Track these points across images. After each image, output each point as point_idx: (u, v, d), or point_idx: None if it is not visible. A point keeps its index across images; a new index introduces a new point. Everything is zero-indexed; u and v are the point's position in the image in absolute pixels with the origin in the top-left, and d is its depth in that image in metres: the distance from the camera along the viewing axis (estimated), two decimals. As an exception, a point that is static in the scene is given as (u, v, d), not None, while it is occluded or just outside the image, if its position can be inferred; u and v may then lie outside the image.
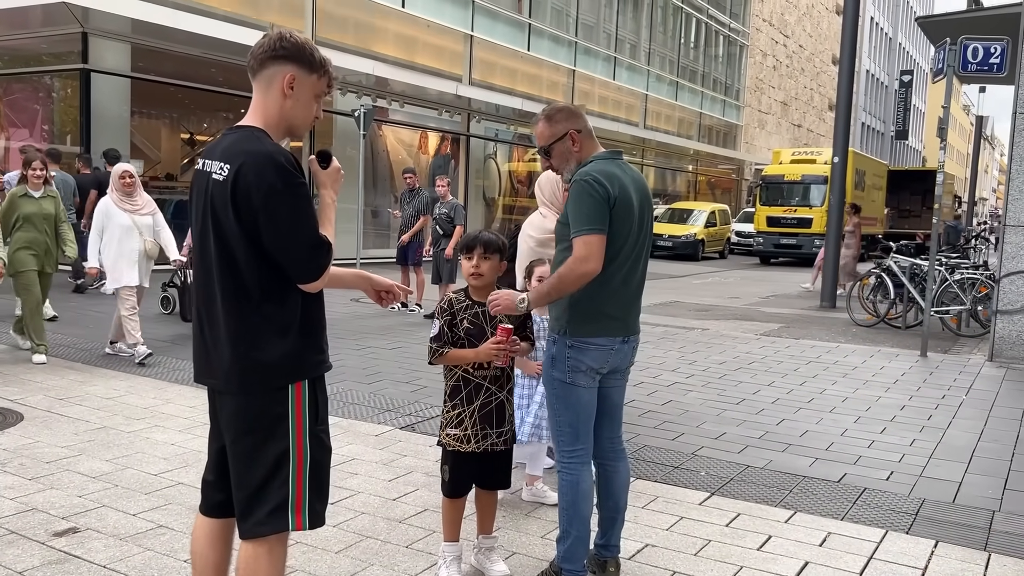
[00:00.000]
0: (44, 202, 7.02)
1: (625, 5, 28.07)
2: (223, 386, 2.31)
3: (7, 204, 6.87)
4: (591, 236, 2.91)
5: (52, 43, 13.66)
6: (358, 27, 17.90)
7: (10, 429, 4.96)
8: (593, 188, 2.93)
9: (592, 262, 2.90)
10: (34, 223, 6.89)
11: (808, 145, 45.66)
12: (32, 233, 6.89)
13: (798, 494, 4.37)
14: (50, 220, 7.02)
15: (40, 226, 6.93)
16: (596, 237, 2.92)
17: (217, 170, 2.24)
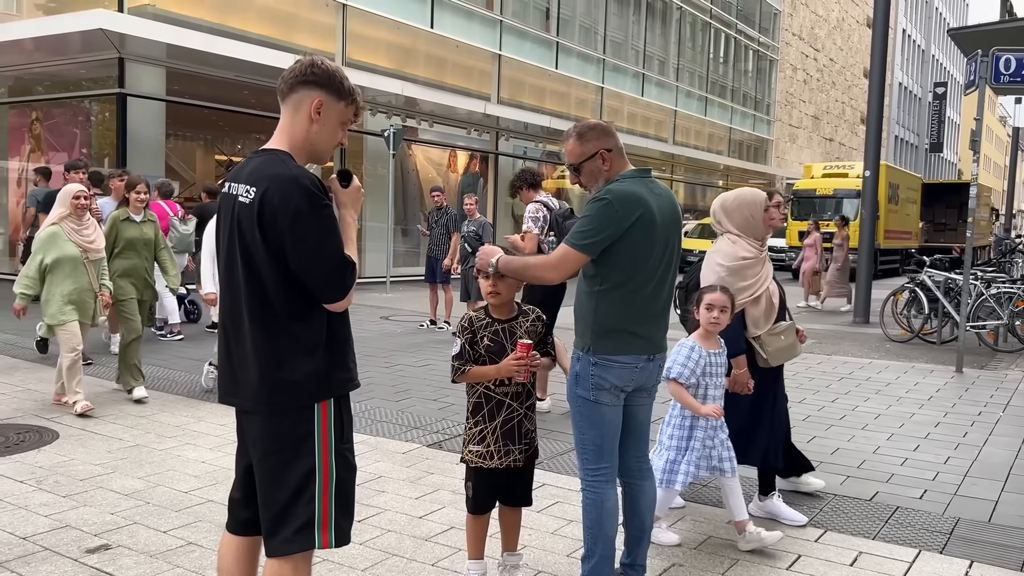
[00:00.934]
0: (145, 227, 6.74)
1: (653, 22, 28.12)
2: (250, 406, 2.35)
3: (109, 228, 6.53)
4: (572, 252, 2.99)
5: (90, 68, 13.99)
6: (388, 48, 18.12)
7: (46, 447, 5.05)
8: (606, 208, 2.94)
9: (558, 273, 3.04)
10: (136, 248, 6.60)
11: (840, 159, 45.25)
12: (133, 260, 6.59)
13: (829, 512, 4.30)
14: (150, 246, 6.74)
15: (141, 252, 6.65)
16: (576, 255, 2.99)
17: (243, 193, 2.29)
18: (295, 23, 16.20)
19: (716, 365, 3.79)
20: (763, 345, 4.03)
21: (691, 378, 3.74)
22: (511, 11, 21.35)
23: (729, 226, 4.08)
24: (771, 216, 4.11)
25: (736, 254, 3.97)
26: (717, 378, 3.80)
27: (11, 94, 15.53)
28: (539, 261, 3.10)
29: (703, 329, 3.79)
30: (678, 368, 3.75)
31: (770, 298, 4.04)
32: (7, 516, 3.91)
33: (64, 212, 5.98)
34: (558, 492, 4.49)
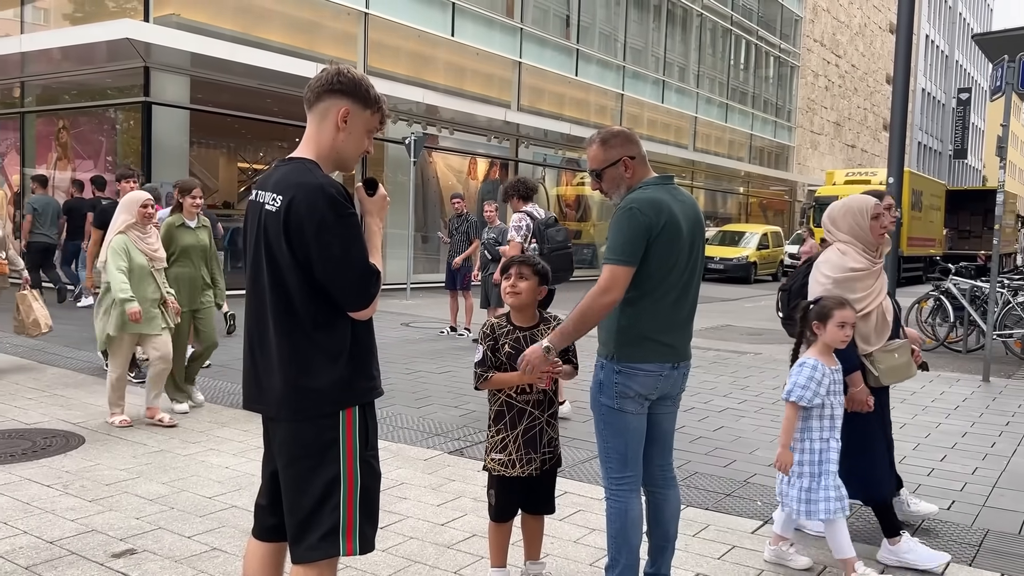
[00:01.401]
0: (200, 232, 6.45)
1: (674, 29, 28.08)
2: (275, 413, 2.36)
3: (164, 235, 6.23)
4: (617, 267, 2.92)
5: (116, 77, 14.16)
6: (409, 56, 18.22)
7: (72, 452, 5.10)
8: (634, 217, 2.92)
9: (613, 293, 2.91)
10: (191, 256, 6.32)
11: (862, 166, 44.92)
12: (188, 268, 6.30)
13: (854, 522, 4.25)
14: (205, 252, 6.45)
15: (196, 260, 6.36)
16: (622, 269, 2.92)
17: (270, 201, 2.30)
18: (317, 32, 16.33)
19: (838, 383, 3.59)
20: (875, 363, 3.78)
21: (815, 399, 3.51)
22: (531, 19, 21.40)
23: (839, 235, 3.87)
24: (881, 222, 3.84)
25: (845, 265, 3.75)
26: (839, 396, 3.59)
27: (39, 103, 15.75)
28: (587, 302, 2.93)
29: (824, 345, 3.58)
30: (798, 391, 3.51)
31: (883, 314, 3.81)
32: (34, 520, 3.95)
33: (129, 220, 5.82)
34: (581, 500, 4.47)
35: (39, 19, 15.76)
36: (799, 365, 3.60)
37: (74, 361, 7.93)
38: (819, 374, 3.51)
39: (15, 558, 3.52)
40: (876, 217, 3.83)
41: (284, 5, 15.54)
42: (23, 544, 3.67)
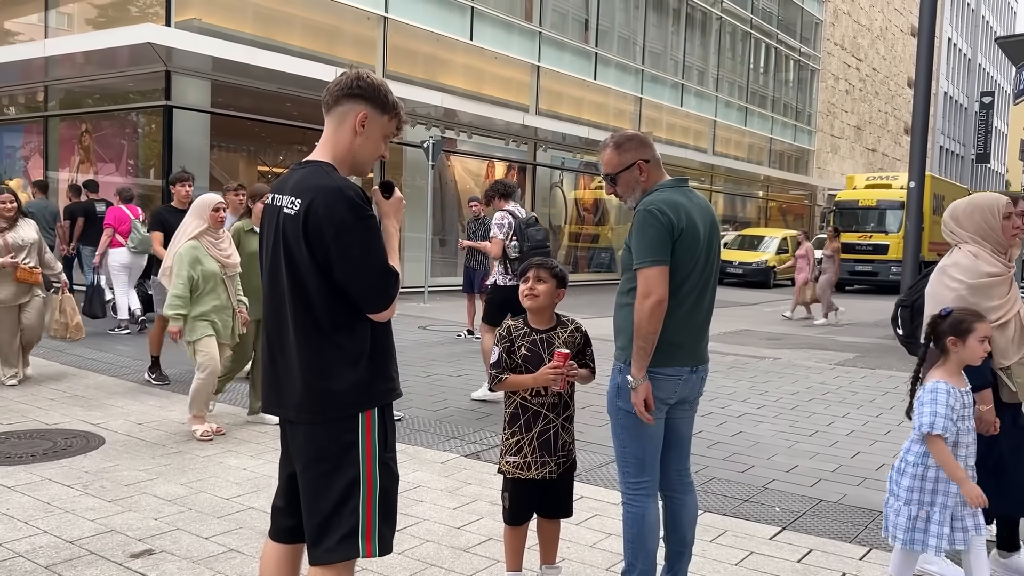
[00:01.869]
0: None
1: (693, 32, 27.99)
2: (295, 416, 2.36)
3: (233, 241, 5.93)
4: (651, 269, 2.89)
5: (138, 81, 14.31)
6: (427, 60, 18.28)
7: (92, 452, 5.15)
8: (655, 218, 2.91)
9: (655, 295, 2.87)
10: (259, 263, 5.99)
11: (883, 170, 44.56)
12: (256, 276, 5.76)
13: (874, 530, 4.21)
14: None
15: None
16: (656, 269, 2.89)
17: (288, 204, 2.31)
18: (337, 36, 16.42)
19: (967, 406, 3.24)
20: (1012, 377, 3.45)
21: (951, 427, 3.14)
22: (550, 23, 21.41)
23: (964, 235, 3.53)
24: (1013, 223, 3.51)
25: (980, 269, 3.39)
26: (969, 420, 3.24)
27: (62, 107, 15.93)
28: (636, 315, 2.89)
29: (956, 364, 3.23)
30: (942, 423, 3.11)
31: (1021, 323, 3.47)
32: (55, 520, 3.99)
33: (202, 225, 5.55)
34: (597, 505, 4.46)
35: (63, 24, 15.95)
36: (932, 391, 3.18)
37: (95, 363, 8.01)
38: (953, 399, 3.15)
39: (35, 557, 3.55)
40: (1007, 217, 3.51)
41: (304, 9, 15.64)
42: (43, 543, 3.71)
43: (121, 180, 14.76)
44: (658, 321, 2.89)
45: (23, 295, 6.96)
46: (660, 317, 2.89)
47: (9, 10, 16.82)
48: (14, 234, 6.85)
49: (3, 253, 6.75)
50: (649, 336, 2.90)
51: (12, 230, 6.86)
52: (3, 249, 6.76)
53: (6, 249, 6.77)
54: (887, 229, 23.05)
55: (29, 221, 7.05)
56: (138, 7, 14.53)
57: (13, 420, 5.85)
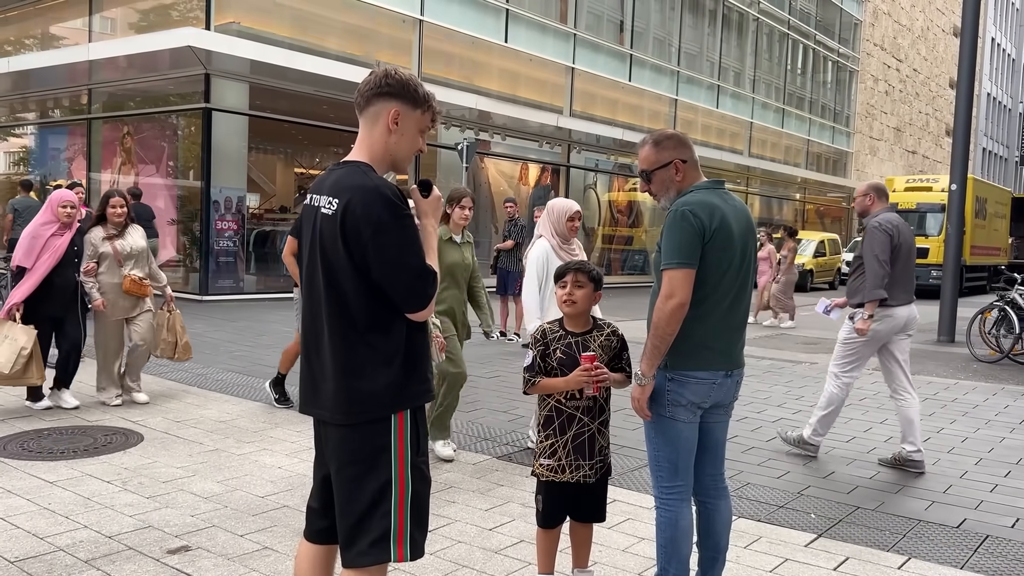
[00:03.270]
0: (465, 249, 5.45)
1: (729, 33, 27.77)
2: (329, 416, 2.37)
3: None
4: (676, 271, 2.88)
5: (178, 84, 14.55)
6: (462, 63, 18.35)
7: (131, 449, 5.24)
8: (687, 219, 2.89)
9: (677, 297, 2.86)
10: (455, 276, 5.28)
11: (924, 172, 43.82)
12: (453, 290, 5.30)
13: (912, 539, 4.14)
14: (468, 272, 5.43)
15: (461, 281, 5.36)
16: (682, 272, 2.88)
17: (326, 204, 2.32)
18: (373, 39, 16.55)
19: None
20: None
21: None
22: (585, 24, 21.37)
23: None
24: None
25: None
26: None
27: (105, 109, 16.25)
28: (656, 315, 2.89)
29: None
30: None
31: None
32: (95, 515, 4.06)
33: None
34: (630, 509, 4.43)
35: (106, 28, 16.28)
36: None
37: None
38: None
39: (76, 552, 3.62)
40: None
41: (341, 13, 15.79)
42: (83, 538, 3.78)
43: (162, 181, 15.02)
44: (677, 323, 2.89)
45: (131, 308, 6.42)
46: (679, 320, 2.88)
47: (54, 15, 17.21)
48: (123, 241, 6.36)
49: (114, 262, 6.30)
50: (665, 337, 2.90)
51: (122, 237, 6.37)
52: (113, 258, 6.30)
53: (116, 258, 6.31)
54: (927, 232, 22.66)
55: (138, 228, 6.58)
56: (179, 11, 14.78)
57: (56, 417, 5.98)
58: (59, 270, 6.09)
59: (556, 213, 5.14)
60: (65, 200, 6.15)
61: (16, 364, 5.78)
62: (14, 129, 19.07)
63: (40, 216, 6.18)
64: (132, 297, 6.40)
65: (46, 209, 6.18)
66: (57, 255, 6.07)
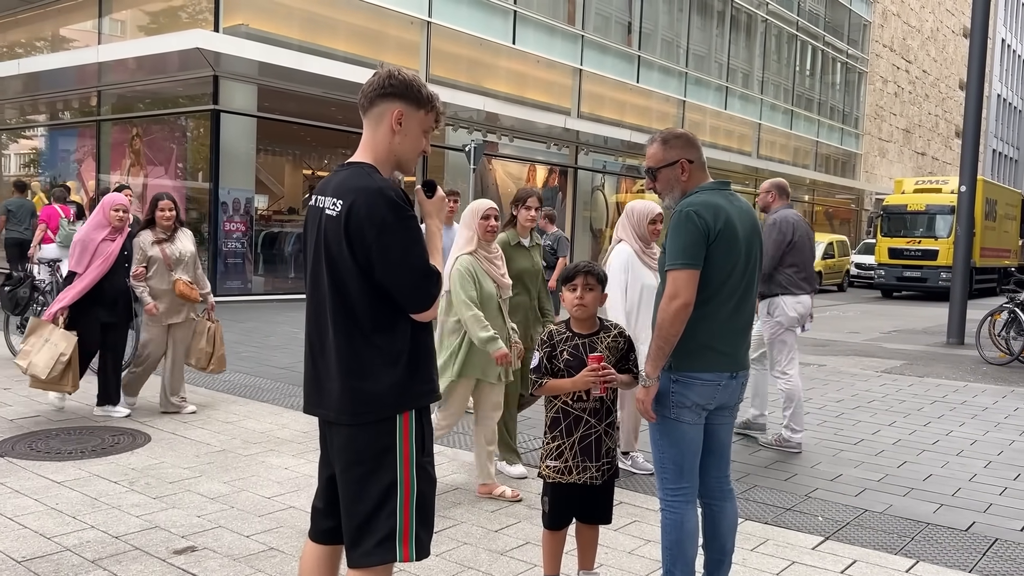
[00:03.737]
0: (534, 253, 5.07)
1: (737, 35, 27.72)
2: (334, 417, 2.38)
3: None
4: (680, 272, 2.88)
5: (187, 86, 14.60)
6: (470, 65, 18.36)
7: (139, 449, 5.25)
8: (691, 220, 2.89)
9: (680, 297, 2.86)
10: (525, 282, 4.95)
11: (933, 174, 43.64)
12: (523, 296, 4.96)
13: (920, 542, 4.12)
14: (537, 277, 5.05)
15: (531, 287, 5.01)
16: (686, 273, 2.88)
17: (330, 206, 2.33)
18: (381, 41, 16.57)
19: None
20: None
21: None
22: (593, 26, 21.37)
23: None
24: None
25: None
26: None
27: (114, 111, 16.33)
28: (660, 315, 2.88)
29: None
30: None
31: None
32: (101, 515, 4.07)
33: (472, 237, 4.51)
34: (637, 511, 4.42)
35: (116, 30, 16.35)
36: None
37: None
38: None
39: (82, 551, 3.63)
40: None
41: (349, 15, 15.82)
42: (90, 538, 3.79)
43: (171, 183, 15.07)
44: (681, 324, 2.88)
45: (177, 314, 6.23)
46: (683, 320, 2.88)
47: (64, 17, 17.30)
48: (173, 246, 6.18)
49: (163, 267, 6.12)
50: (670, 338, 2.90)
51: (171, 242, 6.20)
52: (163, 262, 6.11)
53: (166, 262, 6.12)
54: (937, 234, 22.56)
55: (187, 231, 6.40)
56: (188, 13, 14.83)
57: (64, 417, 6.00)
58: (109, 276, 5.95)
59: (637, 215, 4.89)
60: (117, 204, 6.01)
61: (54, 370, 5.65)
62: (25, 131, 19.17)
63: (91, 220, 6.06)
64: (180, 302, 6.21)
65: (97, 213, 6.04)
66: (109, 261, 5.94)
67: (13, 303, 7.87)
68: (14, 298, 7.85)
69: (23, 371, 5.71)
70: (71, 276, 5.94)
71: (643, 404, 3.00)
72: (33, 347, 5.74)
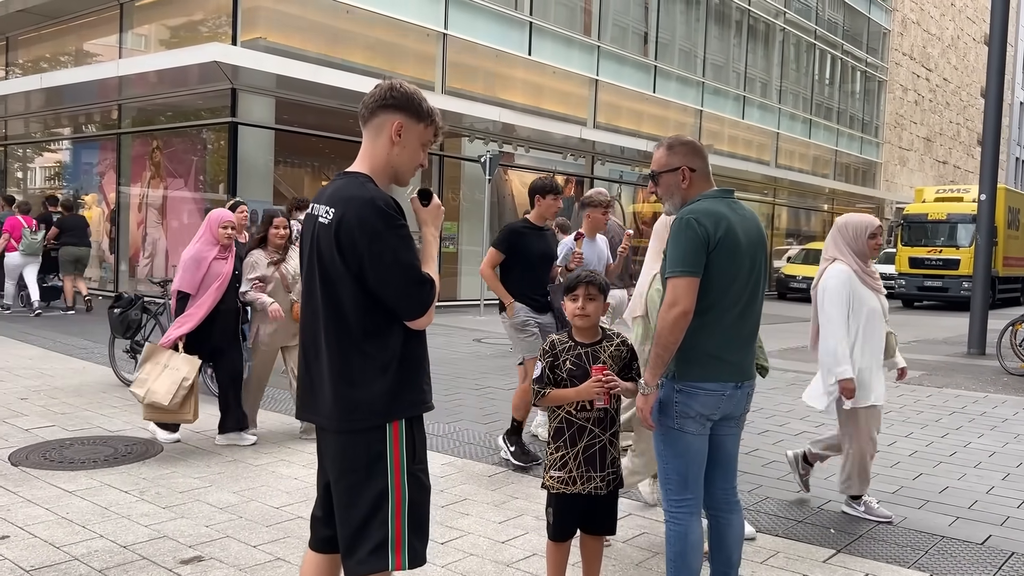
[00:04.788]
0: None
1: (755, 44, 27.62)
2: (325, 423, 2.40)
3: None
4: (680, 279, 2.86)
5: (206, 99, 14.74)
6: (486, 76, 18.41)
7: (151, 459, 5.28)
8: (691, 228, 2.87)
9: (680, 306, 2.84)
10: None
11: (954, 182, 43.20)
12: None
13: (935, 555, 4.05)
14: None
15: None
16: (685, 280, 2.86)
17: (323, 214, 2.36)
18: (398, 53, 16.66)
19: None
20: None
21: None
22: (609, 36, 21.37)
23: None
24: None
25: None
26: None
27: (134, 124, 16.51)
28: (659, 323, 2.87)
29: None
30: None
31: None
32: (111, 525, 4.10)
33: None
34: (645, 523, 4.38)
35: (138, 45, 16.56)
36: None
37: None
38: None
39: (90, 561, 3.65)
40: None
41: (366, 27, 15.92)
42: (99, 548, 3.81)
43: (190, 195, 15.22)
44: (680, 332, 2.87)
45: (292, 337, 5.93)
46: (682, 328, 2.86)
47: (88, 32, 17.54)
48: (287, 265, 5.95)
49: (280, 287, 5.88)
50: (669, 346, 2.88)
51: (286, 261, 5.96)
52: (280, 283, 5.89)
53: (284, 283, 5.90)
54: (958, 243, 22.32)
55: (296, 249, 6.04)
56: (208, 27, 14.99)
57: (78, 427, 6.05)
58: (223, 297, 5.68)
59: (853, 229, 4.39)
60: (225, 221, 5.73)
61: (176, 396, 5.34)
62: (49, 144, 19.43)
63: (199, 238, 5.73)
64: (295, 325, 5.73)
65: (205, 231, 5.73)
66: (225, 282, 5.65)
67: (124, 326, 7.41)
68: (124, 320, 7.40)
69: (139, 400, 5.42)
70: (185, 298, 5.60)
71: (642, 412, 2.98)
72: (150, 374, 5.42)
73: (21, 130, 20.00)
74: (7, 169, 20.42)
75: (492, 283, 5.62)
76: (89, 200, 17.68)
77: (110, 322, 7.46)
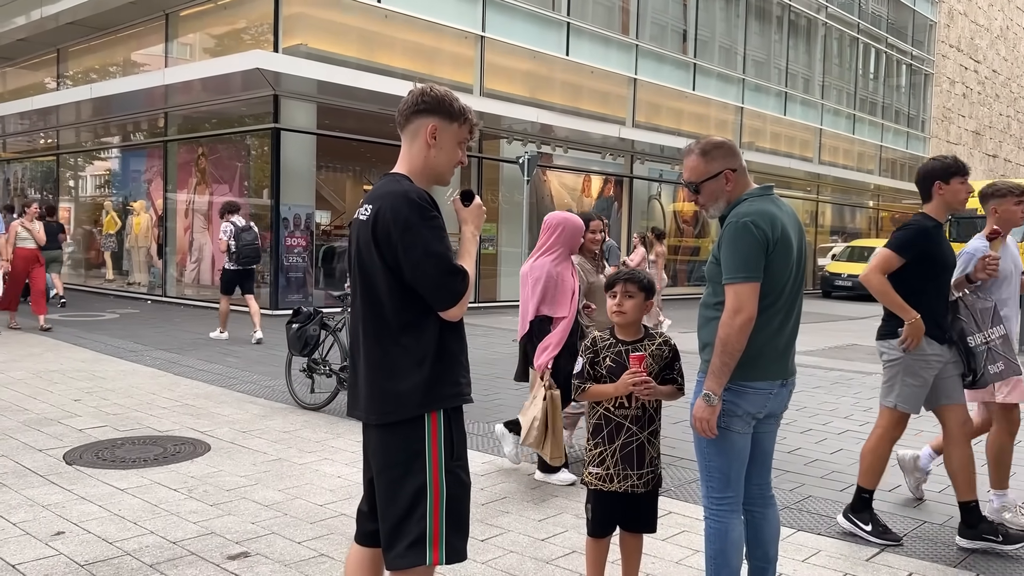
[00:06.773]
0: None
1: (797, 39, 27.27)
2: (365, 417, 2.46)
3: None
4: (743, 285, 2.82)
5: (249, 106, 15.00)
6: (524, 77, 18.45)
7: (198, 458, 5.41)
8: (750, 232, 2.83)
9: (745, 312, 2.80)
10: None
11: (1005, 176, 42.15)
12: None
13: (980, 556, 3.98)
14: None
15: None
16: (748, 286, 2.82)
17: (363, 212, 2.46)
18: (436, 57, 16.78)
19: None
20: None
21: None
22: (648, 35, 21.28)
23: None
24: None
25: None
26: None
27: (180, 132, 16.87)
28: (724, 330, 2.81)
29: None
30: None
31: None
32: (160, 521, 4.21)
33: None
34: (685, 521, 4.38)
35: (184, 54, 16.92)
36: None
37: (205, 373, 8.41)
38: None
39: (141, 556, 3.76)
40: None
41: (405, 32, 16.07)
42: (149, 543, 3.92)
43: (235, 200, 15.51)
44: (745, 338, 2.83)
45: None
46: (748, 334, 2.83)
47: (135, 42, 17.97)
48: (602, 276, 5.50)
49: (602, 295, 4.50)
50: (735, 354, 2.83)
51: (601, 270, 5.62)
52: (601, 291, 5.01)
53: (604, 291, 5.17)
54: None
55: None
56: (250, 35, 15.26)
57: (129, 427, 6.21)
58: None
59: None
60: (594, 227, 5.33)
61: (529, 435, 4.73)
62: (99, 152, 19.94)
63: (547, 250, 5.02)
64: None
65: (555, 243, 4.99)
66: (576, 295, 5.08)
67: (301, 343, 6.99)
68: (302, 337, 6.97)
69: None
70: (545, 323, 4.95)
71: (707, 423, 2.90)
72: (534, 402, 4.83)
73: (72, 139, 20.54)
74: (59, 177, 21.00)
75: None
76: (137, 207, 18.11)
77: (287, 339, 7.09)
